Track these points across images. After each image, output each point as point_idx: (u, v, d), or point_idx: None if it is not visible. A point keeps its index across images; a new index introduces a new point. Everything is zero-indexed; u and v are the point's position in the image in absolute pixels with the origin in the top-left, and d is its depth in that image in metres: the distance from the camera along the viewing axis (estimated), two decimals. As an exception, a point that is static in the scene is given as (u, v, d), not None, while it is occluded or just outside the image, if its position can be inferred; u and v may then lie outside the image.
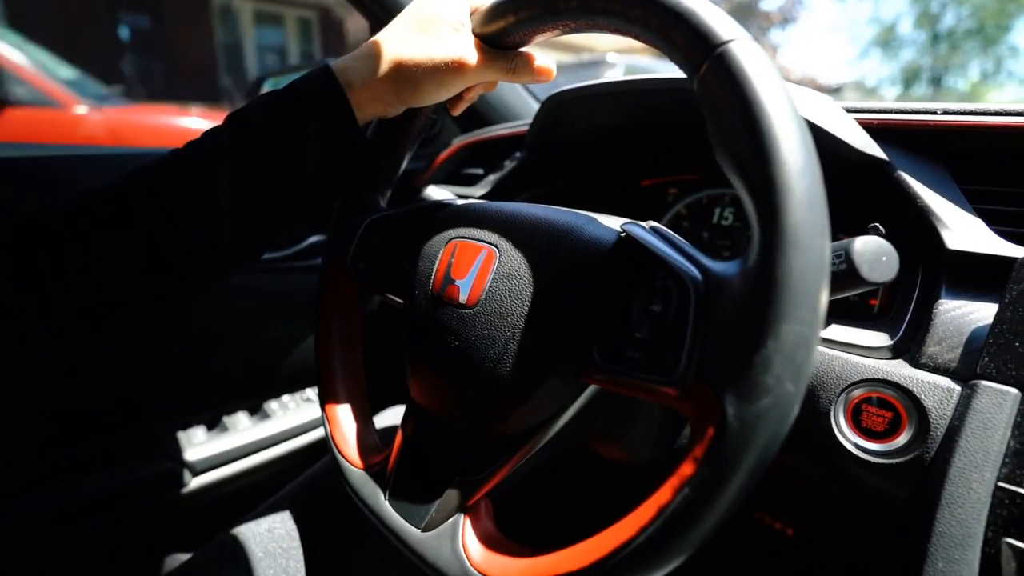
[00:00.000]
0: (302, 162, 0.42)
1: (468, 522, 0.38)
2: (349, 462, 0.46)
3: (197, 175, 0.40)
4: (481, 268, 0.39)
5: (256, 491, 0.88)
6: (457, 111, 0.49)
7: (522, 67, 0.44)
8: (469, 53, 0.42)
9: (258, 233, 0.43)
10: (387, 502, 0.42)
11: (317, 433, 0.97)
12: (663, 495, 0.28)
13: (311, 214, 0.46)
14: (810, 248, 0.25)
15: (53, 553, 0.75)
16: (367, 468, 0.45)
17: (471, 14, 0.43)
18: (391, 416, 0.79)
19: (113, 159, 0.81)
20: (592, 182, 0.85)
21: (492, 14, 0.42)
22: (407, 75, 0.42)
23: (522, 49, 0.44)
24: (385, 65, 0.42)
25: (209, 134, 0.42)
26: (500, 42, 0.43)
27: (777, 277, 0.25)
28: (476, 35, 0.43)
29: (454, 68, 0.42)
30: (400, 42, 0.42)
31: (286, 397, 0.98)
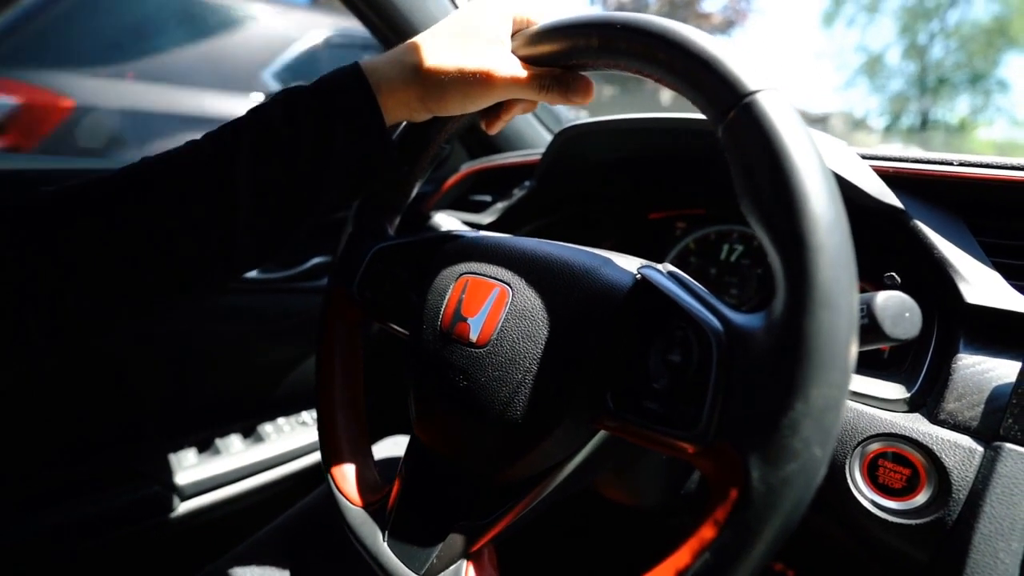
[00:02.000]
0: (325, 162, 0.41)
1: (472, 569, 0.37)
2: (347, 499, 0.44)
3: (214, 170, 0.39)
4: (493, 307, 0.38)
5: (247, 517, 0.86)
6: (493, 130, 0.48)
7: (555, 88, 0.42)
8: (499, 66, 0.40)
9: (274, 233, 0.42)
10: (386, 544, 0.40)
11: (312, 458, 0.95)
12: (682, 558, 0.27)
13: (327, 217, 0.45)
14: (840, 308, 0.25)
15: (32, 578, 0.72)
16: (366, 506, 0.43)
17: (514, 33, 0.42)
18: (390, 447, 0.77)
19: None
20: (600, 213, 0.85)
21: (530, 40, 0.41)
22: (434, 82, 0.41)
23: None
24: (414, 70, 0.41)
25: (229, 127, 0.40)
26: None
27: (806, 337, 0.24)
28: (516, 55, 0.42)
29: (481, 80, 0.40)
30: (433, 49, 0.41)
31: (281, 420, 0.96)
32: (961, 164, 0.47)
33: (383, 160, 0.43)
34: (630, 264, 0.37)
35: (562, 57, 0.39)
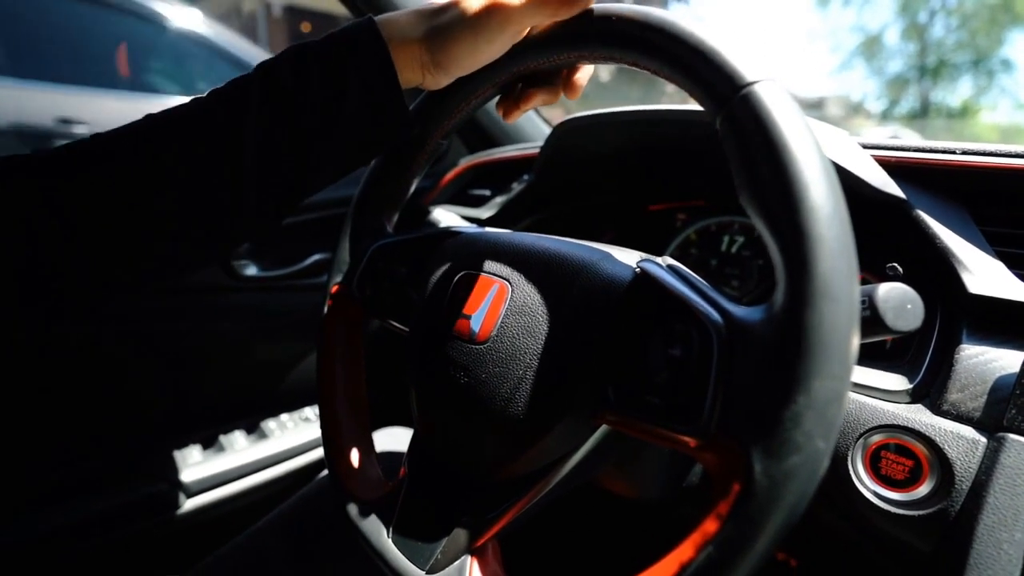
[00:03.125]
0: (336, 118, 0.39)
1: (476, 564, 0.37)
2: (351, 495, 0.44)
3: (220, 126, 0.37)
4: (493, 303, 0.38)
5: (252, 513, 0.86)
6: (512, 118, 0.46)
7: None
8: None
9: (283, 194, 0.40)
10: (390, 540, 0.41)
11: (315, 454, 0.96)
12: (685, 552, 0.27)
13: (339, 176, 0.43)
14: (840, 299, 0.24)
15: None
16: (370, 502, 0.44)
17: None
18: (390, 439, 0.77)
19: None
20: (600, 206, 0.85)
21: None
22: (443, 27, 0.38)
23: None
24: (424, 18, 0.39)
25: (236, 83, 0.39)
26: None
27: (807, 329, 0.24)
28: None
29: (489, 11, 0.37)
30: None
31: (284, 416, 0.96)
32: (964, 153, 0.47)
33: (396, 118, 0.41)
34: (629, 258, 0.37)
35: (557, 47, 0.39)
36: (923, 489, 0.38)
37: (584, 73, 0.44)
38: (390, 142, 0.43)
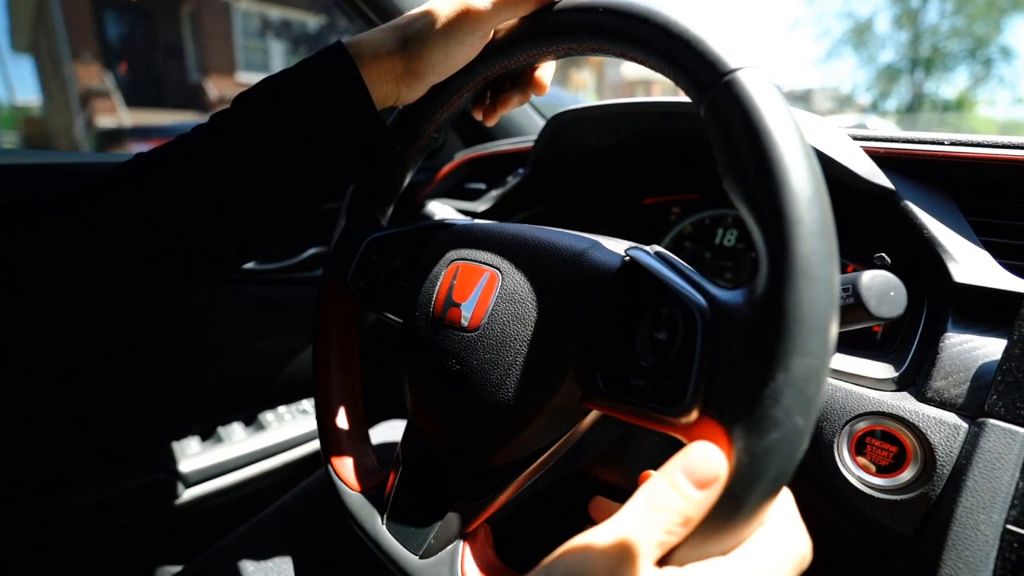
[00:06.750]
0: (313, 142, 0.40)
1: (468, 549, 0.37)
2: (346, 485, 0.45)
3: (204, 161, 0.39)
4: (483, 291, 0.38)
5: (250, 503, 0.87)
6: (491, 121, 0.48)
7: None
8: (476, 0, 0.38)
9: (268, 221, 0.41)
10: (384, 526, 0.41)
11: (312, 445, 0.96)
12: None
13: (323, 204, 0.44)
14: (820, 279, 0.25)
15: (42, 565, 0.74)
16: (364, 491, 0.44)
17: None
18: (386, 431, 0.78)
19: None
20: (595, 199, 0.85)
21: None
22: (415, 35, 0.40)
23: None
24: (395, 31, 0.40)
25: (217, 117, 0.40)
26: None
27: (787, 308, 0.25)
28: None
29: (460, 16, 0.39)
30: (416, 10, 0.41)
31: (282, 408, 0.97)
32: (952, 143, 0.47)
33: (372, 135, 0.42)
34: (618, 246, 0.37)
35: (543, 41, 0.39)
36: (906, 474, 0.39)
37: (546, 70, 0.45)
38: (372, 160, 0.44)
